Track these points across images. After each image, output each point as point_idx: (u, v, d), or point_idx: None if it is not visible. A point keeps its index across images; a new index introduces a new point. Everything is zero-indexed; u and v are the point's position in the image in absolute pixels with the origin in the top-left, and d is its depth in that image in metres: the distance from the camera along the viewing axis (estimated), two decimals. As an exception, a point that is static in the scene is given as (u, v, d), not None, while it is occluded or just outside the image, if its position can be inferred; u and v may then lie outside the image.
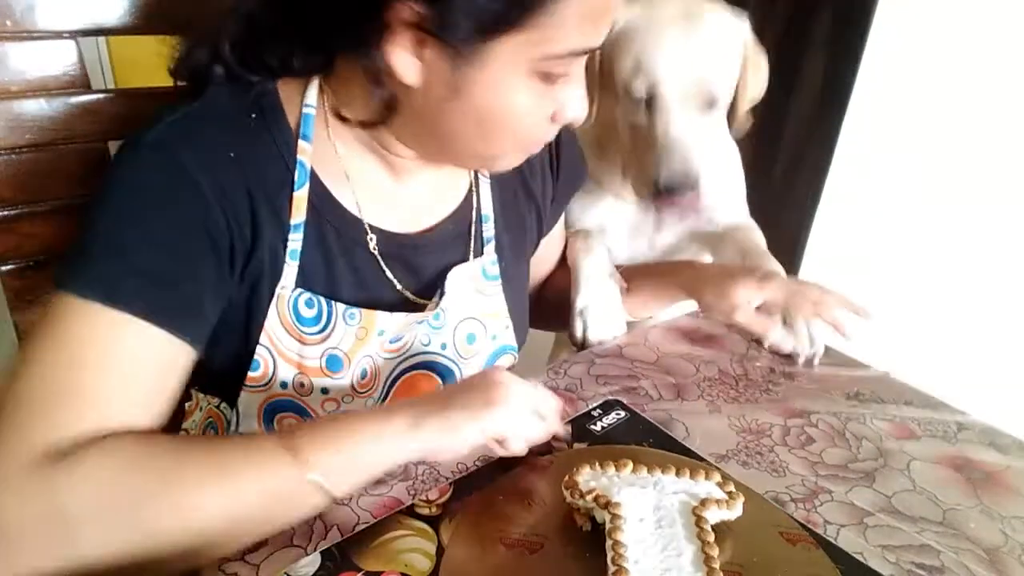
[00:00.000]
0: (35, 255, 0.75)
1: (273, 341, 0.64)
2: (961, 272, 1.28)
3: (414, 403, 0.57)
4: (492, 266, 0.77)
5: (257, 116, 0.62)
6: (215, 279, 0.59)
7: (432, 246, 0.73)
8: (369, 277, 0.69)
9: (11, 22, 0.68)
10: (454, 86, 0.56)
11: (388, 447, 0.54)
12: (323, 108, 0.64)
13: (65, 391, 0.51)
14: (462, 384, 0.60)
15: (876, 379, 0.85)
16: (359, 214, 0.67)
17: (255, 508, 0.51)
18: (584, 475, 0.58)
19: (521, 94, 0.58)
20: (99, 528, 0.48)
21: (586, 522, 0.56)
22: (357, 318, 0.66)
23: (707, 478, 0.58)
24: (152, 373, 0.55)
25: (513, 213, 0.81)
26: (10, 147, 0.71)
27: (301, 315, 0.64)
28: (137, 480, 0.49)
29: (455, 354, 0.74)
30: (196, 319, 0.58)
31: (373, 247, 0.68)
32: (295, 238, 0.63)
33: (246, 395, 0.65)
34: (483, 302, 0.76)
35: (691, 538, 0.52)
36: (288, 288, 0.63)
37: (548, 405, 0.61)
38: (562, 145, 0.84)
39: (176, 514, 0.49)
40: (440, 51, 0.55)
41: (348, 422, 0.55)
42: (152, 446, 0.52)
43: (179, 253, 0.56)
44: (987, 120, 1.19)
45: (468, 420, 0.55)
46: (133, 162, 0.57)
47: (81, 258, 0.55)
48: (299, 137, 0.63)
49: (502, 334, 0.79)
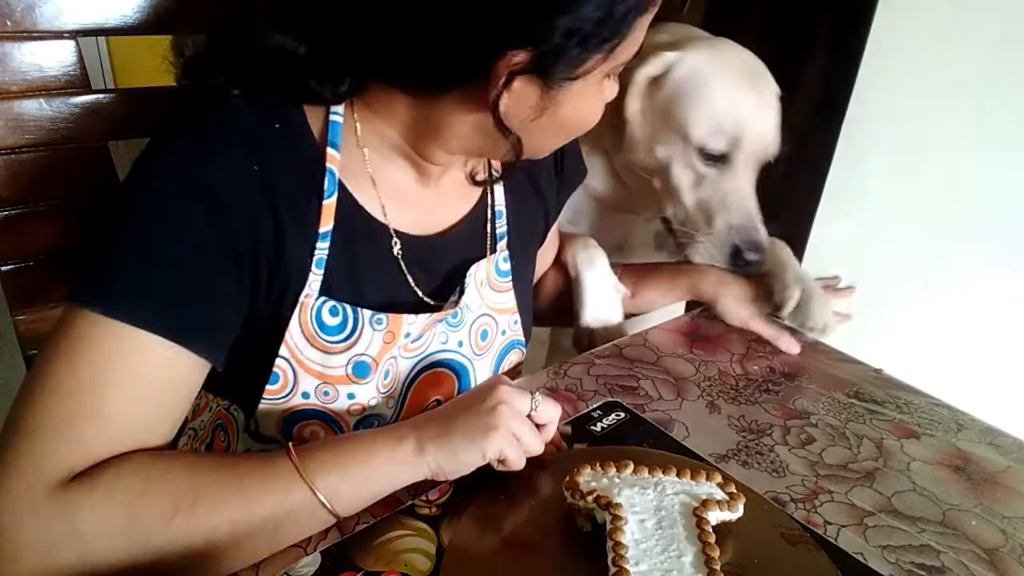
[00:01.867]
0: (35, 255, 0.75)
1: (294, 353, 0.62)
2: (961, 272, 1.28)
3: (418, 426, 0.58)
4: (504, 262, 0.77)
5: (282, 126, 0.60)
6: (238, 295, 0.58)
7: (450, 246, 0.72)
8: (392, 282, 0.68)
9: (11, 22, 0.68)
10: (541, 108, 0.57)
11: (395, 472, 0.56)
12: (351, 116, 0.63)
13: (87, 413, 0.51)
14: (463, 401, 0.60)
15: (876, 379, 0.85)
16: (384, 219, 0.67)
17: (265, 529, 0.52)
18: (585, 476, 0.58)
19: (594, 99, 0.61)
20: (115, 550, 0.49)
21: (586, 523, 0.56)
22: (384, 323, 0.65)
23: (708, 479, 0.58)
24: (171, 391, 0.55)
25: (523, 211, 0.80)
26: (10, 147, 0.71)
27: (325, 323, 0.63)
28: (152, 503, 0.50)
29: (470, 351, 0.74)
30: (218, 337, 0.57)
31: (397, 252, 0.67)
32: (322, 247, 0.62)
33: (264, 407, 0.64)
34: (495, 298, 0.76)
35: (692, 539, 0.52)
36: (312, 296, 0.62)
37: (547, 414, 0.60)
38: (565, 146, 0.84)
39: (190, 536, 0.50)
40: (532, 82, 0.55)
41: (359, 445, 0.56)
42: (167, 467, 0.52)
43: (203, 271, 0.55)
44: (987, 120, 1.19)
45: (469, 446, 0.56)
46: (155, 177, 0.56)
47: (103, 275, 0.53)
48: (327, 145, 0.61)
49: (511, 329, 0.79)
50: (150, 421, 0.54)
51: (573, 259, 0.95)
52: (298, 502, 0.53)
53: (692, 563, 0.50)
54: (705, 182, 0.90)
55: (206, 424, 0.72)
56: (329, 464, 0.54)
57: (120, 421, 0.52)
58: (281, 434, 0.66)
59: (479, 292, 0.74)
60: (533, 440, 0.59)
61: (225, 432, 0.70)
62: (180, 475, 0.52)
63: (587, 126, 0.63)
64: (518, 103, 0.56)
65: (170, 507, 0.50)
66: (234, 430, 0.69)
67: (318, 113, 0.62)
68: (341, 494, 0.54)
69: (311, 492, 0.53)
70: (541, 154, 0.68)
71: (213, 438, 0.72)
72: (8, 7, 0.68)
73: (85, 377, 0.51)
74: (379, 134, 0.64)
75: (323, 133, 0.62)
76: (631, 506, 0.54)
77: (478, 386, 0.62)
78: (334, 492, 0.54)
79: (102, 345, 0.52)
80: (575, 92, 0.57)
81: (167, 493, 0.50)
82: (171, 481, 0.51)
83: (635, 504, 0.55)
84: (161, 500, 0.50)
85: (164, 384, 0.54)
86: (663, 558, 0.50)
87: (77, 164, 0.75)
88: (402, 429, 0.58)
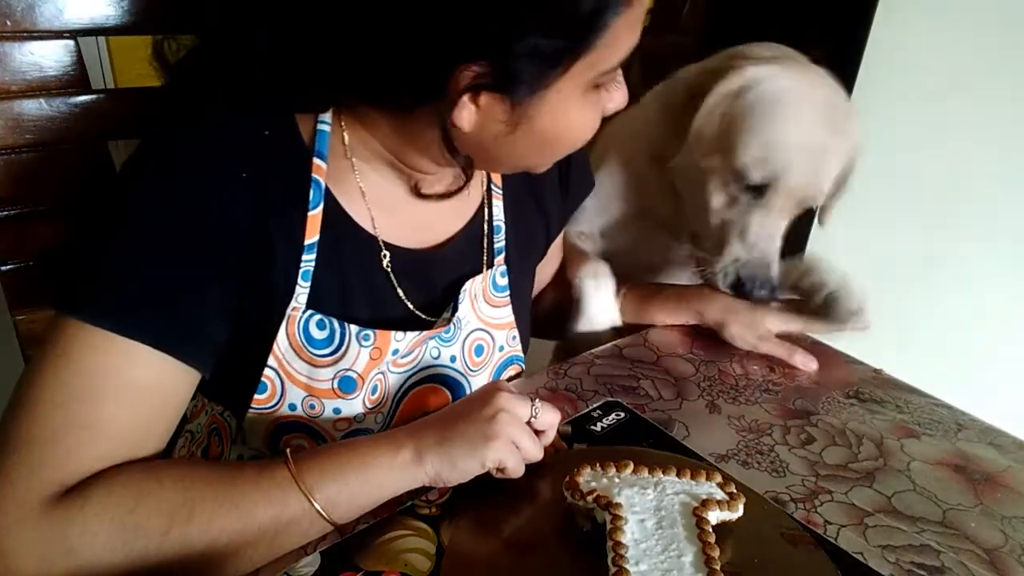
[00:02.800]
0: (35, 255, 0.75)
1: (282, 363, 0.62)
2: (961, 272, 1.28)
3: (416, 432, 0.57)
4: (502, 277, 0.76)
5: (271, 134, 0.59)
6: (225, 305, 0.58)
7: (445, 260, 0.71)
8: (381, 295, 0.67)
9: (11, 22, 0.68)
10: (513, 123, 0.55)
11: (393, 480, 0.55)
12: (339, 125, 0.62)
13: (77, 425, 0.50)
14: (463, 407, 0.59)
15: (876, 379, 0.85)
16: (373, 231, 0.66)
17: (263, 539, 0.52)
18: (585, 475, 0.58)
19: (577, 111, 0.57)
20: (109, 567, 0.48)
21: (586, 523, 0.56)
22: (372, 339, 0.64)
23: (708, 479, 0.58)
24: (161, 401, 0.55)
25: (523, 225, 0.80)
26: (10, 147, 0.71)
27: (312, 336, 0.62)
28: (145, 520, 0.49)
29: (464, 367, 0.73)
30: (206, 346, 0.57)
31: (386, 264, 0.66)
32: (308, 259, 0.61)
33: (252, 416, 0.63)
34: (491, 313, 0.75)
35: (692, 539, 0.52)
36: (300, 309, 0.61)
37: (546, 420, 0.60)
38: (572, 161, 0.83)
39: (186, 551, 0.50)
40: (498, 97, 0.53)
41: (357, 453, 0.55)
42: (159, 482, 0.52)
43: (190, 280, 0.55)
44: (987, 120, 1.19)
45: (468, 455, 0.55)
46: (143, 188, 0.55)
47: (90, 285, 0.53)
48: (313, 155, 0.60)
49: (510, 344, 0.78)
50: (140, 431, 0.54)
51: (580, 282, 0.93)
52: (296, 513, 0.52)
53: (692, 563, 0.50)
54: (734, 207, 0.87)
55: (203, 427, 0.72)
56: (327, 474, 0.54)
57: (110, 432, 0.52)
58: (268, 446, 0.65)
59: (474, 306, 0.73)
60: (533, 447, 0.58)
61: (219, 437, 0.70)
62: (173, 489, 0.51)
63: (578, 140, 0.61)
64: (488, 118, 0.55)
65: (164, 523, 0.49)
66: (228, 436, 0.69)
67: (308, 121, 0.61)
68: (340, 504, 0.54)
69: (309, 503, 0.53)
70: (536, 170, 0.66)
71: (209, 443, 0.71)
72: (8, 7, 0.68)
73: (74, 388, 0.51)
74: (366, 144, 0.63)
75: (312, 141, 0.61)
76: (631, 506, 0.54)
77: (476, 391, 0.61)
78: (332, 502, 0.53)
79: (90, 355, 0.51)
80: (550, 105, 0.55)
81: (160, 510, 0.50)
82: (164, 497, 0.50)
83: (635, 504, 0.55)
84: (154, 518, 0.49)
85: (153, 394, 0.54)
86: (663, 558, 0.50)
87: (77, 164, 0.75)
88: (400, 436, 0.57)
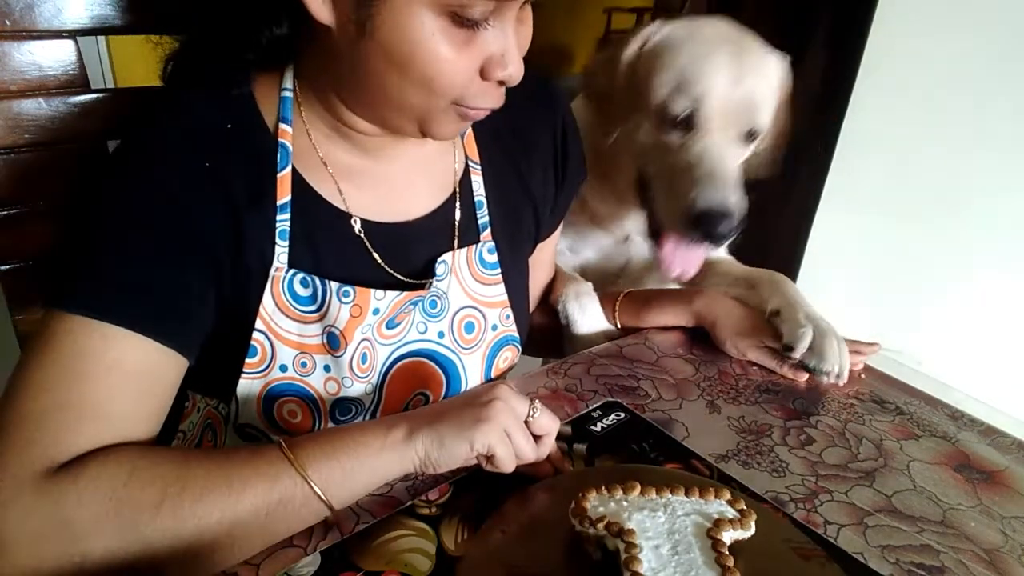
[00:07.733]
0: (35, 255, 0.75)
1: (270, 325, 0.64)
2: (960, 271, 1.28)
3: (412, 415, 0.58)
4: (490, 254, 0.76)
5: (233, 121, 0.62)
6: (202, 285, 0.60)
7: (424, 234, 0.72)
8: (354, 258, 0.68)
9: (11, 22, 0.68)
10: (360, 22, 0.55)
11: (385, 461, 0.56)
12: (296, 95, 0.65)
13: (62, 405, 0.52)
14: (462, 397, 0.61)
15: (876, 379, 0.85)
16: (344, 206, 0.67)
17: (256, 519, 0.52)
18: (592, 500, 0.55)
19: (433, 36, 0.54)
20: (102, 540, 0.49)
21: (596, 551, 0.53)
22: (351, 295, 0.66)
23: (716, 496, 0.56)
24: (147, 382, 0.57)
25: (508, 205, 0.80)
26: (9, 146, 0.70)
27: (297, 294, 0.65)
28: (138, 492, 0.50)
29: (454, 343, 0.74)
30: (184, 327, 0.59)
31: (358, 230, 0.68)
32: (283, 218, 0.63)
33: (244, 382, 0.65)
34: (481, 290, 0.76)
35: (711, 563, 0.50)
36: (282, 269, 0.64)
37: (544, 425, 0.60)
38: (568, 144, 0.83)
39: (178, 525, 0.50)
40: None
41: (350, 434, 0.56)
42: (153, 457, 0.53)
43: (164, 265, 0.58)
44: (987, 119, 1.19)
45: (457, 436, 0.56)
46: (112, 182, 0.59)
47: (69, 278, 0.56)
48: (279, 121, 0.64)
49: (503, 324, 0.78)
50: (128, 413, 0.55)
51: (564, 307, 0.94)
52: (287, 488, 0.53)
53: None
54: (677, 153, 0.87)
55: (195, 426, 0.73)
56: (319, 452, 0.55)
57: (97, 411, 0.53)
58: (263, 417, 0.66)
59: (462, 283, 0.74)
60: (526, 444, 0.58)
61: (213, 432, 0.71)
62: (167, 466, 0.52)
63: (435, 74, 0.56)
64: (339, 13, 0.55)
65: (157, 496, 0.50)
66: (222, 429, 0.70)
67: (272, 99, 0.64)
68: (332, 483, 0.54)
69: (301, 478, 0.53)
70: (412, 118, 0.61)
71: (202, 440, 0.72)
72: (8, 7, 0.68)
73: (59, 371, 0.53)
74: (319, 115, 0.66)
75: (276, 112, 0.64)
76: (643, 531, 0.52)
77: (480, 386, 0.62)
78: (325, 480, 0.54)
79: (70, 340, 0.54)
80: (395, 11, 0.53)
81: (153, 483, 0.51)
82: (157, 472, 0.52)
83: (647, 529, 0.52)
84: (147, 489, 0.50)
85: (139, 375, 0.56)
86: (685, 586, 0.48)
87: (77, 164, 0.75)
88: (395, 418, 0.58)
